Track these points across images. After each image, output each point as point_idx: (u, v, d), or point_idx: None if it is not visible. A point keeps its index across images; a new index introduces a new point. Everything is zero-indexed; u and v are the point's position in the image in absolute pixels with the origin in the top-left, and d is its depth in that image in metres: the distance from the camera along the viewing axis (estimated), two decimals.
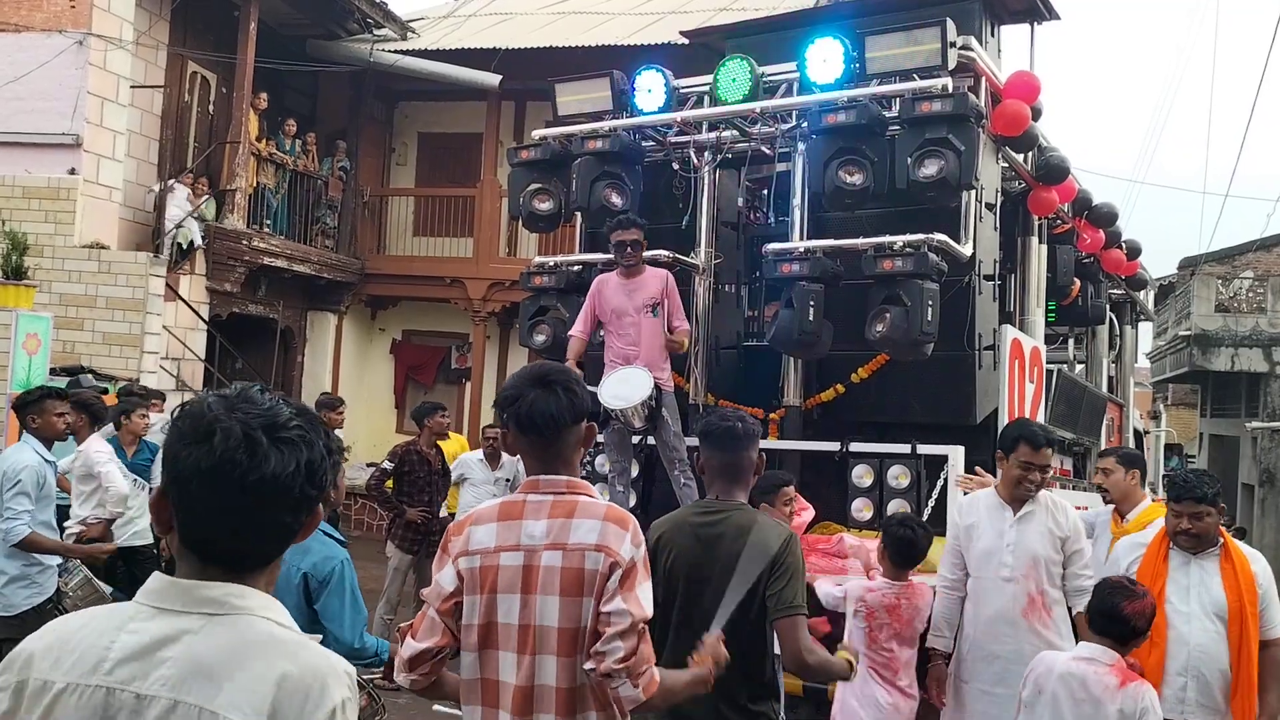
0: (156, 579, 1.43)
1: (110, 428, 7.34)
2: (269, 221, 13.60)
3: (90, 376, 9.66)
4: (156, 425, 7.84)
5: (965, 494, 4.88)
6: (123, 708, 1.35)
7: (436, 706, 6.57)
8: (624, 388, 5.61)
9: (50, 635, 1.44)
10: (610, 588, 2.30)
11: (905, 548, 4.43)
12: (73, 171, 11.26)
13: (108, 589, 5.69)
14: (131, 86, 11.98)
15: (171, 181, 12.37)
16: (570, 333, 5.96)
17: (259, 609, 1.41)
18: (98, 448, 6.22)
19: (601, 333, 5.98)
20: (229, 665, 1.34)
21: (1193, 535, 4.00)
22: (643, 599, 2.33)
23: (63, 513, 6.19)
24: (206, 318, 12.64)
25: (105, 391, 9.32)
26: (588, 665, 2.31)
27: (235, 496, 1.37)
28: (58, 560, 5.36)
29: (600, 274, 6.10)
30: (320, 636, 1.56)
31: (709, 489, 3.28)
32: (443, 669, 2.46)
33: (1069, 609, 4.26)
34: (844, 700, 4.42)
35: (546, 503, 2.41)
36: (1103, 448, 8.26)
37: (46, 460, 5.28)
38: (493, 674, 2.37)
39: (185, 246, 12.18)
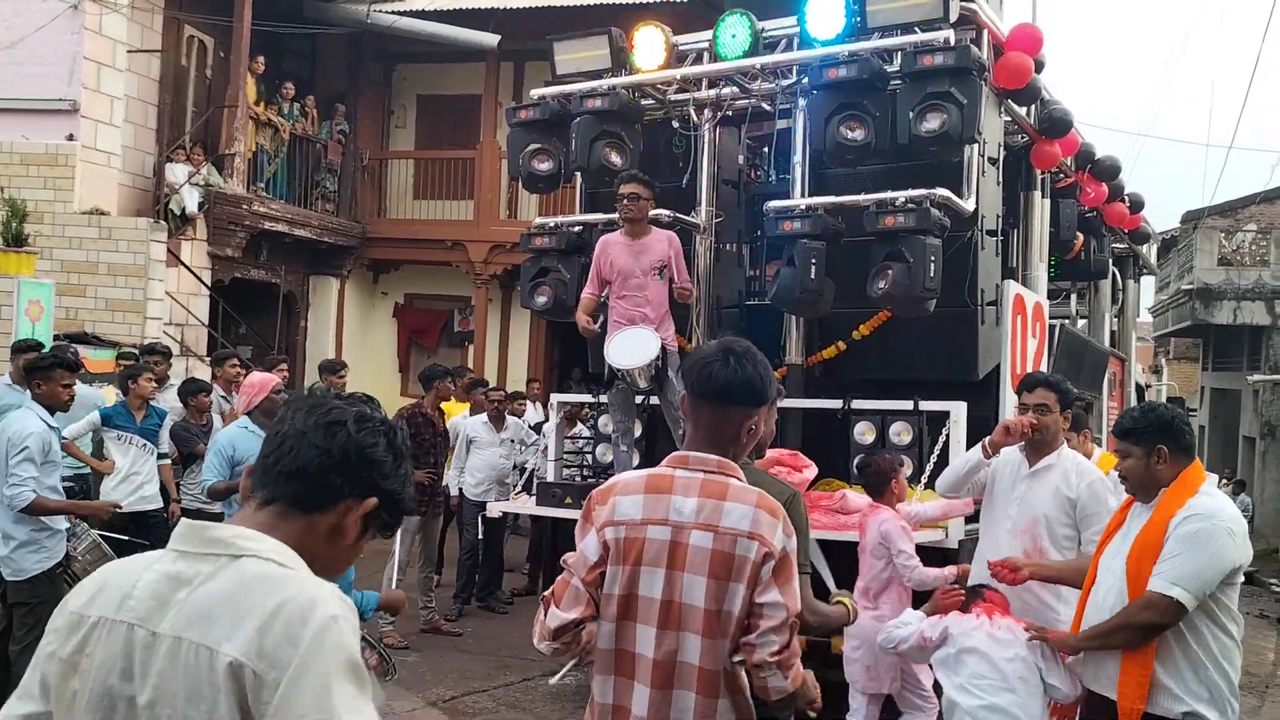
0: (182, 524, 1.53)
1: (116, 391, 7.38)
2: (261, 185, 13.53)
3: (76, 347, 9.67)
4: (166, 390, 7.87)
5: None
6: (139, 643, 1.43)
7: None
8: (632, 347, 5.63)
9: (93, 577, 1.56)
10: (764, 577, 2.30)
11: (877, 480, 4.88)
12: (71, 137, 11.21)
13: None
14: (128, 51, 11.89)
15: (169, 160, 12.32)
16: (583, 294, 5.98)
17: (266, 551, 1.47)
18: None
19: (605, 292, 5.98)
20: (226, 603, 1.41)
21: (1122, 478, 3.45)
22: (796, 592, 2.35)
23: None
24: (209, 283, 12.63)
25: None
26: (737, 657, 2.32)
27: (300, 417, 1.57)
28: (66, 525, 5.41)
29: (603, 234, 6.08)
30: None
31: None
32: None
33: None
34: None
35: (696, 480, 2.39)
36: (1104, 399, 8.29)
37: (51, 426, 5.31)
38: (629, 645, 2.37)
39: (180, 213, 12.16)
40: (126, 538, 6.00)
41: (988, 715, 3.58)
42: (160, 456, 7.00)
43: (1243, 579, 3.39)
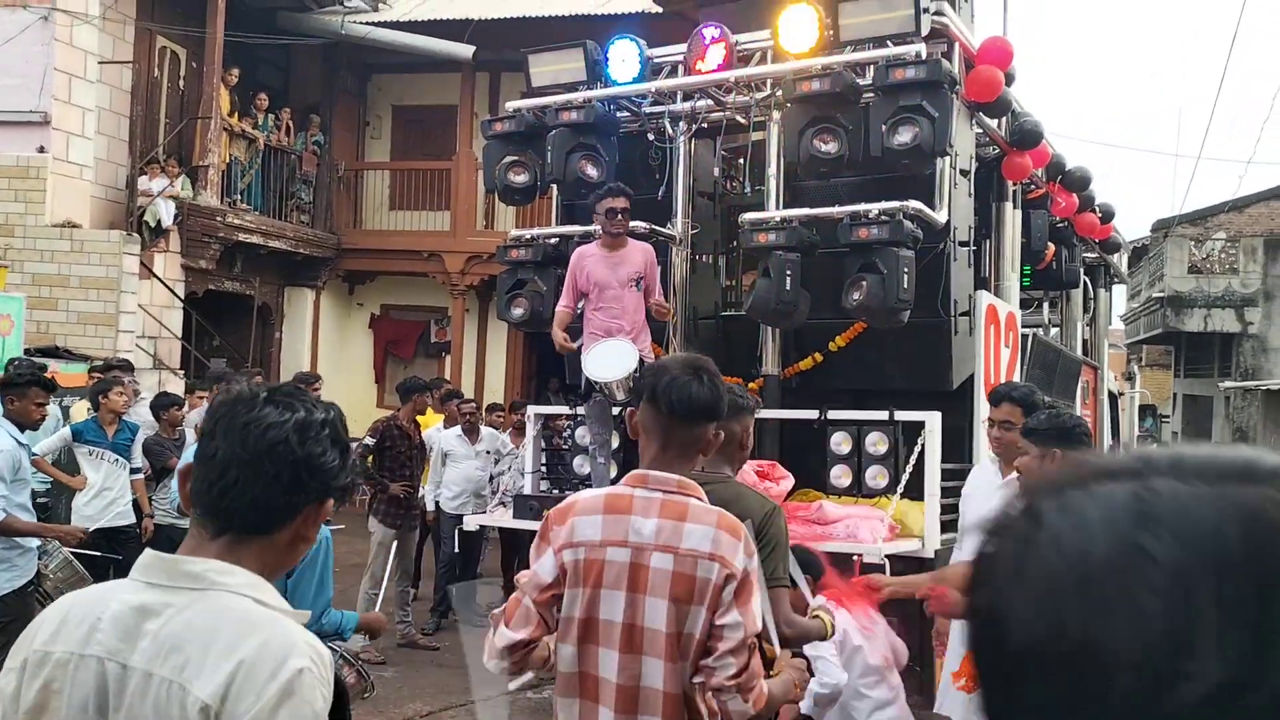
0: (147, 555, 1.48)
1: (88, 406, 7.31)
2: (235, 197, 13.47)
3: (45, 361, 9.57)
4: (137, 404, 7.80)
5: None
6: (111, 677, 1.39)
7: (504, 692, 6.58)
8: (610, 360, 5.62)
9: (53, 611, 1.50)
10: (725, 599, 2.27)
11: None
12: (42, 150, 11.13)
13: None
14: (100, 62, 11.82)
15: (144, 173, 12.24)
16: (558, 307, 5.96)
17: (241, 586, 1.43)
18: None
19: (580, 305, 5.98)
20: (200, 640, 1.38)
21: (1018, 472, 3.86)
22: (755, 612, 2.33)
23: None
24: (182, 295, 12.55)
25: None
26: (696, 679, 2.29)
27: (234, 439, 1.47)
28: (37, 543, 5.35)
29: (579, 246, 6.09)
30: (308, 615, 1.58)
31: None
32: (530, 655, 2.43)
33: None
34: None
35: (656, 500, 2.36)
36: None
37: (20, 444, 5.25)
38: (593, 669, 2.34)
39: (154, 226, 12.09)
40: (99, 554, 5.94)
41: (879, 714, 3.84)
42: (133, 471, 6.94)
43: None
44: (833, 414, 5.81)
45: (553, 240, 6.55)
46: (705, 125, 6.47)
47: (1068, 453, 3.51)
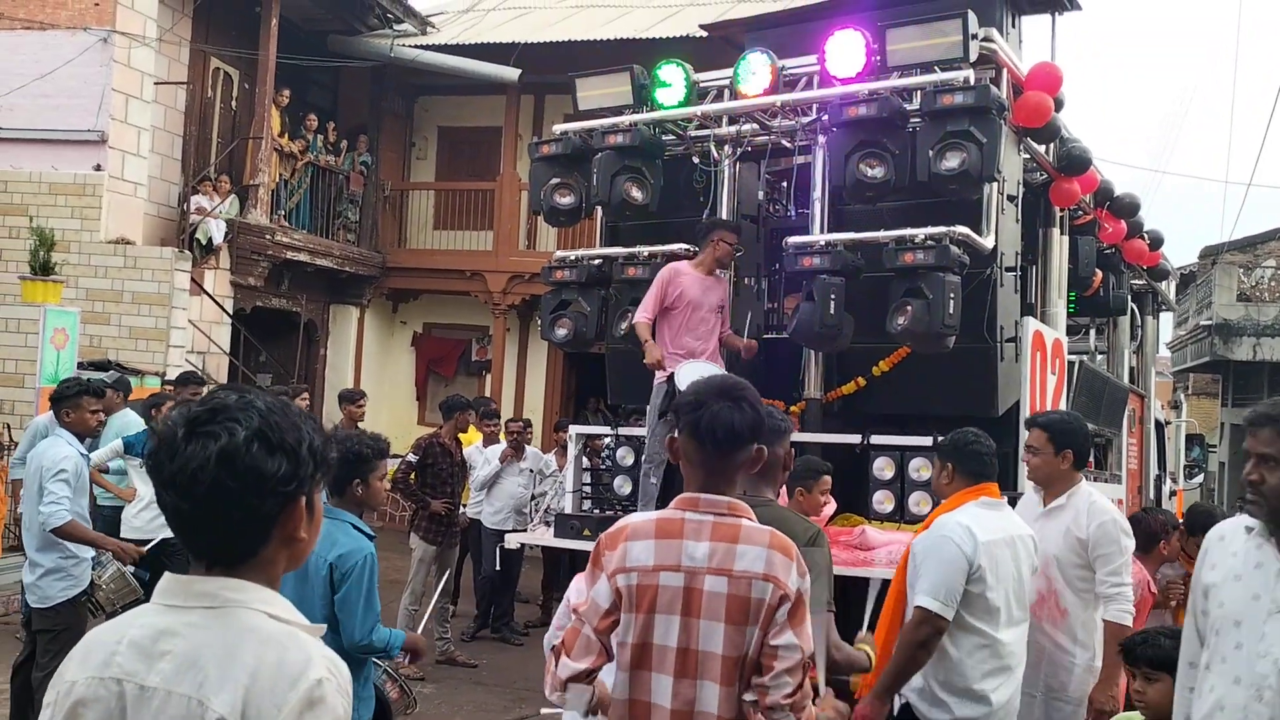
0: (165, 579, 1.50)
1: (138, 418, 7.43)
2: (281, 214, 13.69)
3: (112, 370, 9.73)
4: None
5: None
6: (130, 697, 1.42)
7: (544, 710, 6.62)
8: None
9: (81, 644, 1.53)
10: (779, 620, 2.28)
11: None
12: (98, 168, 11.38)
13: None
14: (155, 83, 12.09)
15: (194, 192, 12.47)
16: (641, 318, 5.90)
17: (254, 602, 1.45)
18: None
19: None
20: (216, 656, 1.40)
21: None
22: (809, 633, 2.33)
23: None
24: (231, 311, 12.76)
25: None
26: (748, 697, 2.29)
27: (170, 491, 1.44)
28: (92, 553, 5.45)
29: (671, 263, 6.10)
30: (323, 629, 1.59)
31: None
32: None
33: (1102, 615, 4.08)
34: None
35: (707, 523, 2.35)
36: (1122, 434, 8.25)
37: (80, 453, 5.37)
38: (644, 695, 2.33)
39: (205, 243, 12.32)
40: (147, 575, 6.02)
41: None
42: None
43: (985, 591, 3.51)
44: (875, 439, 5.78)
45: (597, 261, 6.60)
46: (750, 149, 6.49)
47: (959, 467, 3.76)
